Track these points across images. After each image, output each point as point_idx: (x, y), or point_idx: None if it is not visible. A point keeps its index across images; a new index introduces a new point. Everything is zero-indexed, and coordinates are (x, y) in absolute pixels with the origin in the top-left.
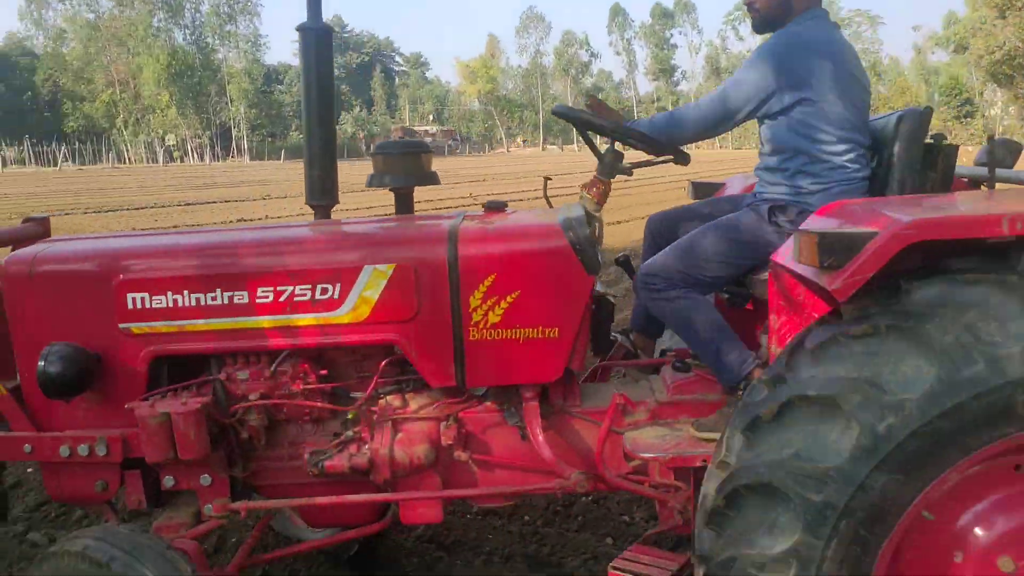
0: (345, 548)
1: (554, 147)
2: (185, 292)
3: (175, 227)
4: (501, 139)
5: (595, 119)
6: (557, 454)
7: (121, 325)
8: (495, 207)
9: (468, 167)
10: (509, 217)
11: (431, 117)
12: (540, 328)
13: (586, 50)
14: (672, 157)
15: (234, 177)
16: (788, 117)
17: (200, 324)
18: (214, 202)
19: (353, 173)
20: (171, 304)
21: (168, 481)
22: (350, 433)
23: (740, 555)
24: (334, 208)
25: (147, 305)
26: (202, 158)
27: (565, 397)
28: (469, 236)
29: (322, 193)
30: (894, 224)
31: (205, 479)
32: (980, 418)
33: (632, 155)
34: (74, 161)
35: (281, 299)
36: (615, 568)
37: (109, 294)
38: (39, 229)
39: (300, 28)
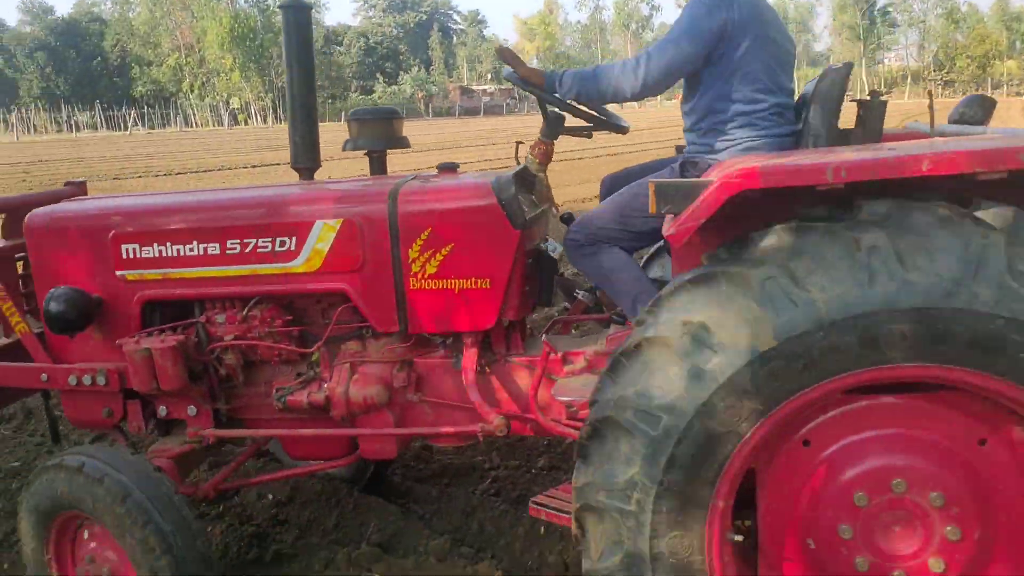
0: (360, 475)
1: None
2: (168, 244)
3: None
4: None
5: (538, 89)
6: (492, 398)
7: (118, 272)
8: (447, 168)
9: (528, 125)
10: (450, 178)
11: (489, 76)
12: (473, 279)
13: (647, 3)
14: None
15: None
16: (699, 78)
17: (181, 272)
18: (278, 164)
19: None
20: (157, 254)
21: (161, 411)
22: (312, 373)
23: (628, 395)
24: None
25: (138, 255)
26: (265, 120)
27: (508, 346)
28: (408, 194)
29: (305, 157)
30: (726, 173)
31: (191, 410)
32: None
33: (571, 121)
34: (143, 125)
35: (247, 250)
36: (535, 503)
37: (108, 246)
38: (77, 191)
39: (282, 6)
